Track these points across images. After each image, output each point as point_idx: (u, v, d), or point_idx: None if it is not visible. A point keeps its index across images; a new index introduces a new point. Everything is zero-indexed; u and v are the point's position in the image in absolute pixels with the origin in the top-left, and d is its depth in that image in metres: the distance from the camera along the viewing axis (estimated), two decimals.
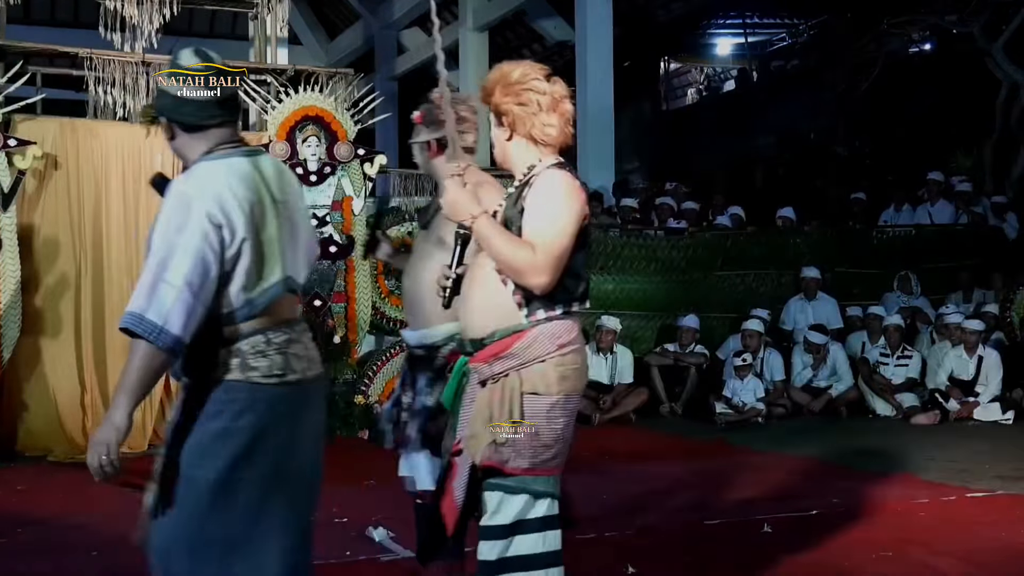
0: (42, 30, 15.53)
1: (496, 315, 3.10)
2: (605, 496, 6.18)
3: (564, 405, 3.08)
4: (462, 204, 3.10)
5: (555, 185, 3.08)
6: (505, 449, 3.02)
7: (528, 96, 3.14)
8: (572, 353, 3.10)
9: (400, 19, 18.37)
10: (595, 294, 10.50)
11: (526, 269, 2.98)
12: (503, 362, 3.07)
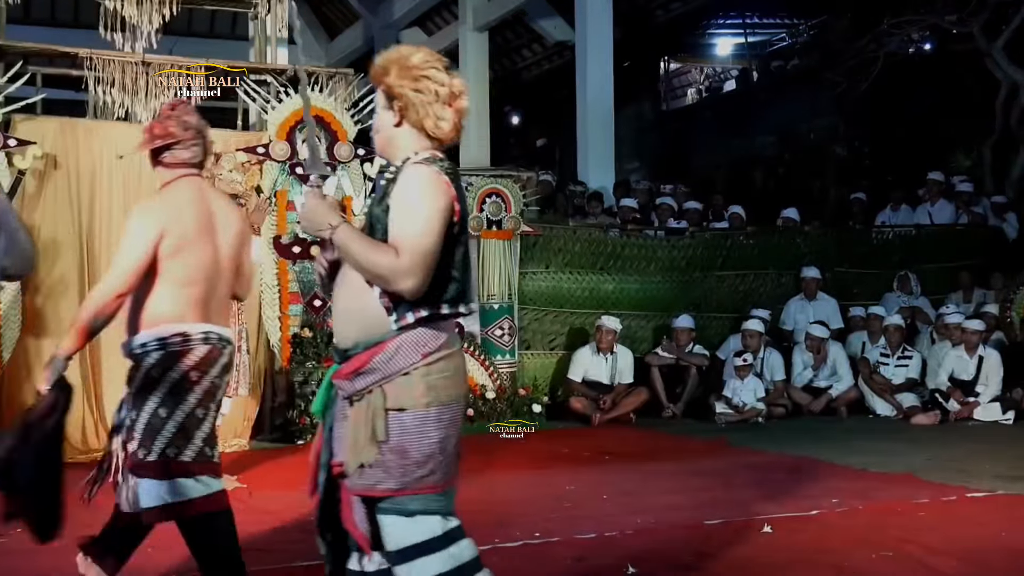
0: (42, 30, 15.51)
1: (360, 323, 2.95)
2: (605, 496, 6.19)
3: (438, 417, 2.93)
4: (320, 214, 2.97)
5: (417, 183, 2.91)
6: (372, 472, 2.90)
7: (426, 84, 2.98)
8: (441, 360, 2.94)
9: (400, 19, 18.37)
10: (595, 294, 10.52)
11: (390, 275, 2.83)
12: (364, 378, 2.91)
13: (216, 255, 3.96)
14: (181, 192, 3.96)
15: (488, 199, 9.80)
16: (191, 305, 3.88)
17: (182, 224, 3.86)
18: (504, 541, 5.03)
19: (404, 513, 2.92)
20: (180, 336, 3.86)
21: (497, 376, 9.42)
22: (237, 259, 4.08)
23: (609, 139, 13.57)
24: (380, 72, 3.03)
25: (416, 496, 2.92)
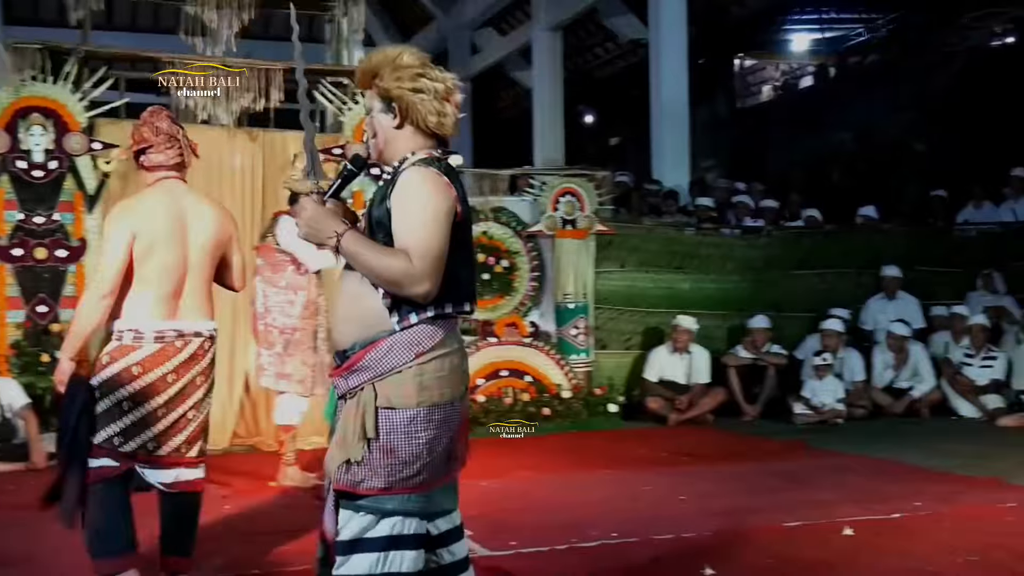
0: (124, 35, 15.83)
1: (360, 324, 2.91)
2: (682, 497, 6.14)
3: (428, 418, 2.87)
4: (322, 223, 2.89)
5: (417, 185, 2.86)
6: (359, 469, 2.85)
7: (424, 82, 2.95)
8: (435, 360, 2.89)
9: (473, 19, 18.44)
10: (671, 293, 10.46)
11: (404, 280, 2.78)
12: (357, 375, 2.89)
13: (185, 255, 4.21)
14: (153, 195, 4.28)
15: (562, 198, 9.79)
16: (156, 303, 4.13)
17: (151, 226, 4.14)
18: (581, 541, 5.02)
19: (379, 512, 2.87)
20: (133, 332, 4.12)
21: (572, 375, 9.40)
22: (216, 255, 4.33)
23: (683, 137, 13.47)
24: (369, 76, 3.01)
25: (394, 496, 2.87)
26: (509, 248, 9.76)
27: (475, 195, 9.71)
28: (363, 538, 2.86)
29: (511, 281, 9.76)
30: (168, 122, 4.30)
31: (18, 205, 8.00)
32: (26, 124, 8.01)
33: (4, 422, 7.47)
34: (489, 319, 9.58)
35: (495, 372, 9.22)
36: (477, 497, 6.18)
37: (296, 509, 5.85)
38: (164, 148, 4.27)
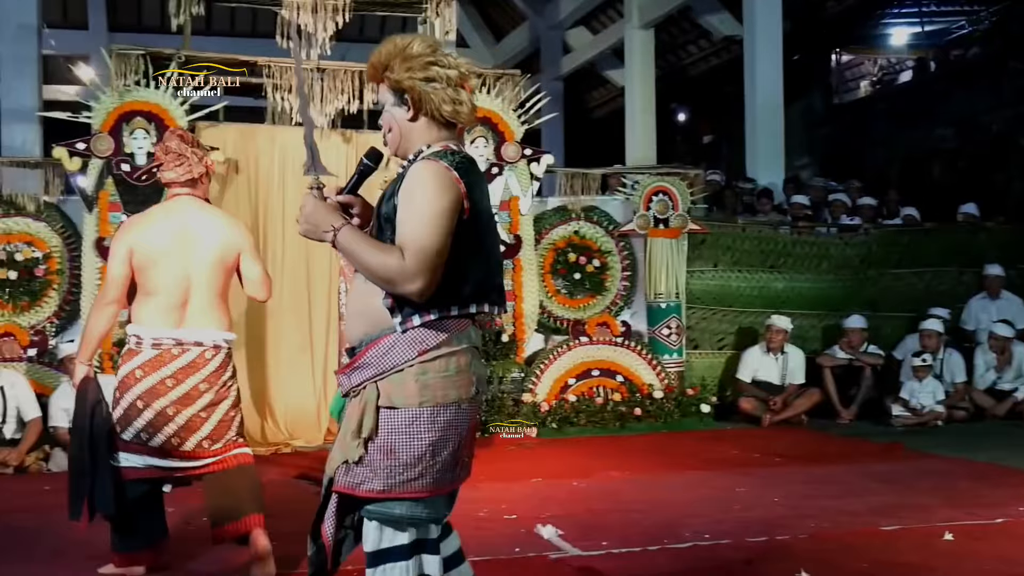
0: (223, 40, 16.21)
1: (367, 322, 2.85)
2: (776, 499, 6.07)
3: (432, 418, 2.76)
4: (320, 218, 2.86)
5: (423, 180, 2.75)
6: (359, 470, 2.78)
7: (436, 71, 2.83)
8: (440, 359, 2.78)
9: (565, 19, 18.42)
10: (765, 293, 10.34)
11: (396, 277, 2.69)
12: (359, 373, 2.83)
13: (187, 267, 4.45)
14: (159, 210, 4.70)
15: (655, 197, 9.74)
16: (156, 312, 4.44)
17: (148, 241, 4.45)
18: (673, 542, 4.99)
19: (390, 518, 2.80)
20: (136, 338, 4.46)
21: (664, 375, 9.34)
22: (225, 268, 4.56)
23: (778, 134, 13.29)
24: (380, 69, 2.89)
25: (401, 501, 2.78)
26: (601, 247, 9.74)
27: (567, 194, 9.72)
28: (387, 547, 2.80)
29: (603, 281, 9.74)
30: (177, 141, 4.59)
31: (122, 207, 8.23)
32: (129, 128, 8.24)
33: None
34: (580, 318, 9.57)
35: (586, 372, 9.21)
36: (567, 497, 6.20)
37: None
38: (174, 166, 4.55)
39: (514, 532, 5.25)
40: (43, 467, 7.42)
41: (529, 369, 9.07)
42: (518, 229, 9.11)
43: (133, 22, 18.61)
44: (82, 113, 8.30)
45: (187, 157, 4.56)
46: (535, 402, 8.86)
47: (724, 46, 17.81)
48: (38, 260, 8.39)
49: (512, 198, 9.09)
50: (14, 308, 8.33)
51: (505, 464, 7.42)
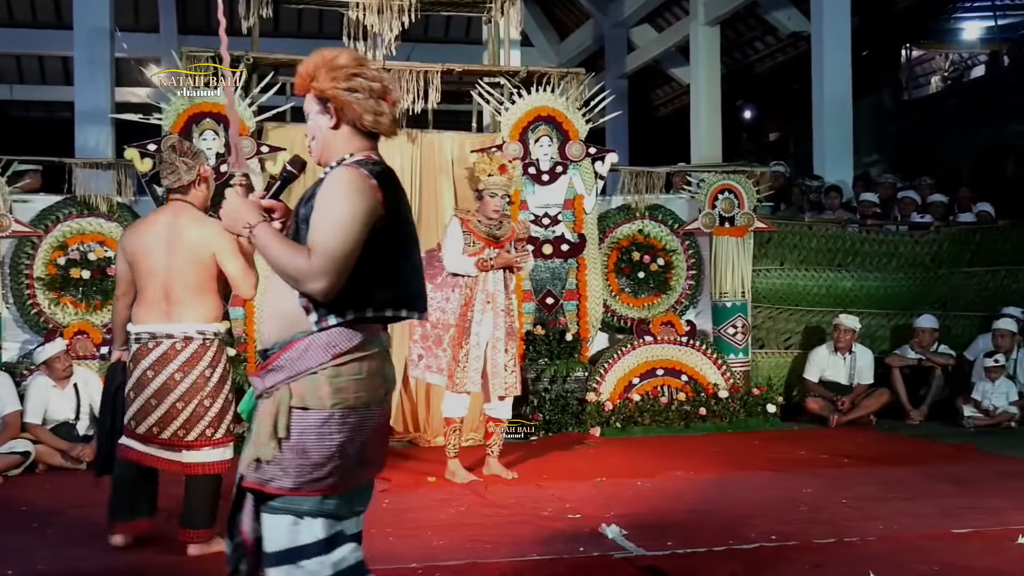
0: (290, 42, 16.41)
1: (281, 324, 2.92)
2: (844, 500, 5.99)
3: (342, 420, 2.83)
4: (240, 213, 2.92)
5: (338, 184, 2.86)
6: (269, 468, 2.82)
7: (359, 82, 2.94)
8: (353, 362, 2.85)
9: (630, 16, 18.36)
10: (832, 292, 10.22)
11: (301, 276, 2.77)
12: (273, 375, 2.87)
13: (164, 264, 4.91)
14: (152, 214, 5.30)
15: (720, 195, 9.66)
16: (144, 308, 4.95)
17: (133, 242, 5.03)
18: (739, 543, 4.96)
19: (295, 513, 2.83)
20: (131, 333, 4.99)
21: (730, 375, 9.27)
22: (203, 266, 4.95)
23: (847, 131, 13.12)
24: (306, 78, 3.00)
25: (307, 498, 2.83)
26: (666, 246, 9.69)
27: (631, 193, 9.68)
28: (298, 545, 2.83)
29: (668, 280, 9.69)
30: (169, 151, 5.10)
31: None
32: (199, 129, 8.36)
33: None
34: (645, 317, 9.53)
35: (651, 371, 9.17)
36: (632, 496, 6.18)
37: (454, 504, 5.95)
38: (166, 174, 5.12)
39: (578, 531, 5.25)
40: None
41: (593, 368, 9.05)
42: (582, 228, 9.09)
43: (202, 24, 18.88)
44: (153, 115, 8.44)
45: (176, 166, 5.07)
46: (599, 401, 8.84)
47: (791, 42, 17.64)
48: (110, 260, 8.54)
49: (576, 197, 9.08)
50: (87, 307, 8.50)
51: (569, 463, 7.41)
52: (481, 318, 6.68)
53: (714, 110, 16.15)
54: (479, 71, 9.49)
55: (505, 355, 6.70)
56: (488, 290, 6.72)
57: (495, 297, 6.71)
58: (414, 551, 4.82)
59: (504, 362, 6.70)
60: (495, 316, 6.70)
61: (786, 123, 20.03)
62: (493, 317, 6.70)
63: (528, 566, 4.61)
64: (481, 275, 6.72)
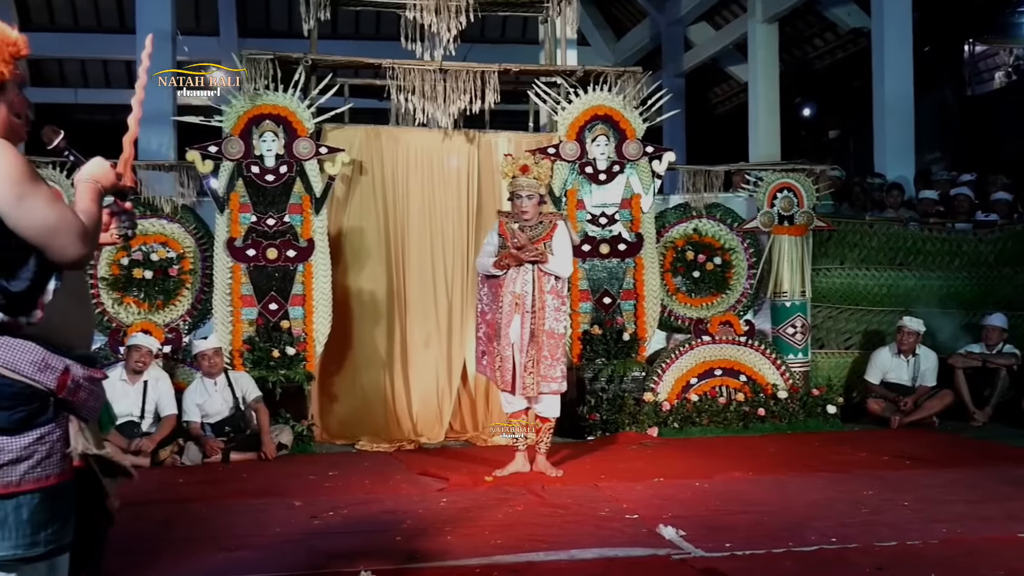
0: (347, 43, 16.54)
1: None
2: (906, 503, 5.91)
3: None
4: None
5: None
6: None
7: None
8: None
9: (687, 14, 18.28)
10: (893, 291, 10.09)
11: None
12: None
13: None
14: None
15: (779, 194, 9.57)
16: None
17: None
18: (799, 545, 4.91)
19: None
20: None
21: (789, 375, 9.19)
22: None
23: (908, 128, 12.95)
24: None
25: None
26: (724, 245, 9.63)
27: (689, 192, 9.63)
28: None
29: (727, 279, 9.63)
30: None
31: (251, 208, 8.46)
32: (259, 131, 8.46)
33: (239, 413, 7.91)
34: (703, 317, 9.48)
35: (709, 371, 9.11)
36: (690, 497, 6.14)
37: (511, 504, 5.95)
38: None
39: (636, 532, 5.23)
40: (177, 460, 7.67)
41: (651, 368, 9.01)
42: (639, 227, 9.06)
43: (262, 27, 19.12)
44: (214, 117, 8.55)
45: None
46: (656, 401, 8.81)
47: (851, 38, 17.44)
48: (172, 260, 8.67)
49: (634, 196, 9.05)
50: (149, 306, 8.63)
51: (626, 463, 7.39)
52: (510, 319, 6.70)
53: (772, 108, 16.01)
54: (536, 71, 9.50)
55: (524, 356, 6.69)
56: (515, 291, 6.72)
57: (523, 298, 6.71)
58: (471, 549, 4.83)
59: (523, 363, 6.68)
60: (521, 317, 6.70)
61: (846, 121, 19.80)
62: (520, 318, 6.71)
63: (585, 566, 4.60)
64: (509, 276, 6.73)
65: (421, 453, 8.13)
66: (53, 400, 2.55)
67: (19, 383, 2.49)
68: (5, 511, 2.49)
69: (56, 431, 2.57)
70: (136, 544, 4.96)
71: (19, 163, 2.50)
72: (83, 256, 2.58)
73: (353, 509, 5.83)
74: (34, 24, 17.85)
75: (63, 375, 2.56)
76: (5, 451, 2.49)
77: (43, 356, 2.53)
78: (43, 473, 2.53)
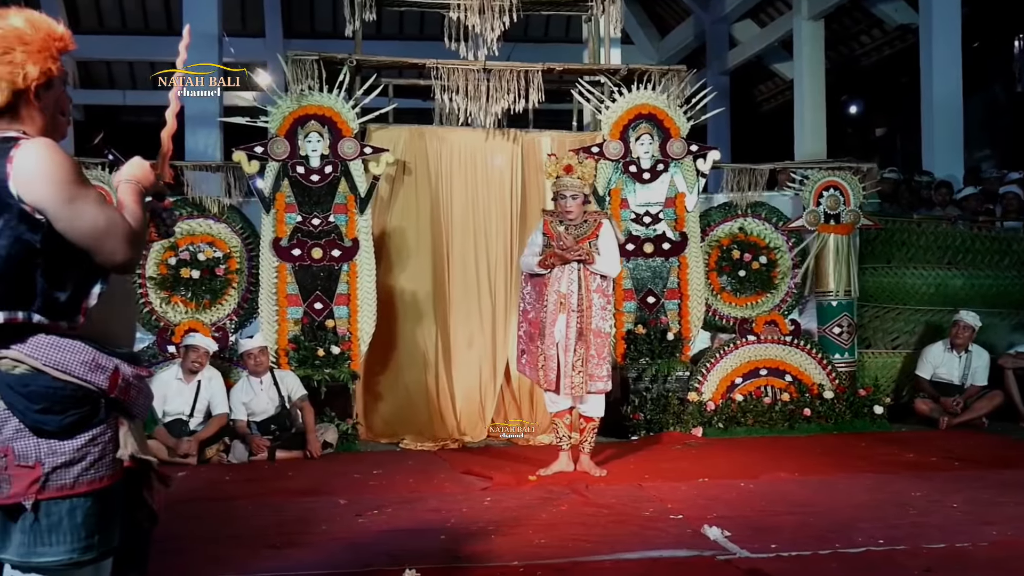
0: (392, 44, 16.63)
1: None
2: (955, 505, 5.84)
3: None
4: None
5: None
6: None
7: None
8: None
9: (731, 12, 18.18)
10: (942, 290, 9.97)
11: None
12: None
13: None
14: None
15: (825, 192, 9.49)
16: None
17: None
18: (845, 547, 4.87)
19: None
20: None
21: (835, 375, 9.10)
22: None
23: (957, 125, 12.80)
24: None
25: None
26: (769, 244, 9.56)
27: (733, 191, 9.57)
28: None
29: (772, 278, 9.56)
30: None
31: (297, 208, 8.52)
32: (304, 131, 8.51)
33: (285, 412, 7.97)
34: (748, 316, 9.42)
35: (754, 371, 9.06)
36: (735, 497, 6.11)
37: (555, 503, 5.95)
38: None
39: (680, 532, 5.21)
40: (223, 458, 7.74)
41: (695, 368, 8.97)
42: (684, 226, 9.02)
43: (307, 29, 19.25)
44: (259, 118, 8.62)
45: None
46: (701, 401, 8.77)
47: (898, 35, 17.25)
48: (219, 260, 8.75)
49: (678, 195, 9.02)
50: (196, 306, 8.72)
51: (670, 463, 7.36)
52: (554, 318, 6.70)
53: (818, 106, 15.89)
54: (580, 70, 9.49)
55: (573, 355, 6.67)
56: (560, 290, 6.71)
57: (568, 298, 6.70)
58: (515, 549, 4.84)
59: (571, 361, 6.66)
60: (567, 316, 6.69)
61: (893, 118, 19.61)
62: (566, 317, 6.70)
63: (629, 566, 4.59)
64: (553, 275, 6.73)
65: (464, 452, 8.15)
66: (104, 401, 2.55)
67: (71, 385, 2.48)
68: (59, 514, 2.47)
69: (107, 432, 2.56)
70: (182, 542, 5.02)
71: (69, 164, 2.49)
72: (131, 260, 2.58)
73: (398, 508, 5.86)
74: (83, 27, 18.09)
75: (114, 374, 2.55)
76: (58, 453, 2.47)
77: (93, 356, 2.52)
78: (96, 475, 2.52)
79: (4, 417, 2.45)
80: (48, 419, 2.45)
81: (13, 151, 2.44)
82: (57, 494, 2.47)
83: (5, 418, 2.45)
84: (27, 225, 2.43)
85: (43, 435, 2.45)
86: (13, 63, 2.50)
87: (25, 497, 2.43)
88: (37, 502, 2.44)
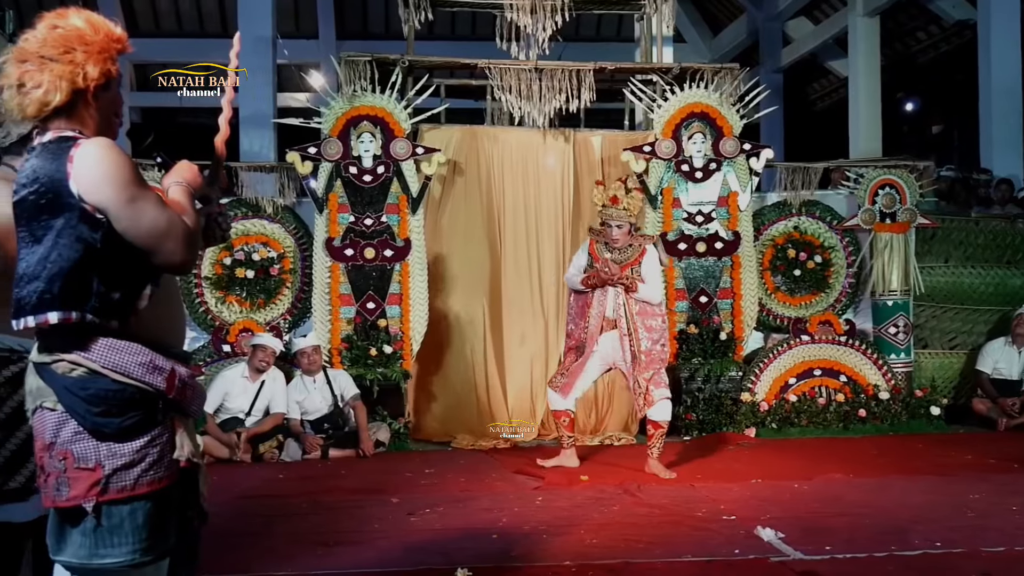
0: (444, 44, 16.64)
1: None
2: (1015, 507, 5.74)
3: None
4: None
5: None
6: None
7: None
8: None
9: (785, 9, 18.00)
10: (1000, 290, 9.86)
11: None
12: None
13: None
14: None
15: (881, 191, 9.38)
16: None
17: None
18: (902, 549, 4.80)
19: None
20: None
21: (891, 376, 8.99)
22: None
23: (1016, 122, 12.58)
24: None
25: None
26: (824, 243, 9.47)
27: (787, 189, 9.49)
28: None
29: (826, 277, 9.47)
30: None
31: (350, 208, 8.57)
32: (357, 132, 8.57)
33: (337, 411, 8.02)
34: (802, 316, 9.33)
35: (808, 371, 8.97)
36: (789, 498, 6.05)
37: (607, 504, 5.94)
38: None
39: (733, 533, 5.17)
40: (277, 456, 7.81)
41: (748, 368, 8.91)
42: (736, 225, 8.96)
43: (359, 30, 19.35)
44: (313, 119, 8.69)
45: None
46: (754, 401, 8.70)
47: (956, 31, 16.99)
48: (273, 260, 8.84)
49: (731, 194, 8.96)
50: (251, 305, 8.81)
51: (724, 464, 7.32)
52: (594, 339, 6.80)
53: (873, 103, 15.68)
54: (631, 68, 9.46)
55: (632, 381, 6.82)
56: (607, 316, 6.84)
57: (617, 323, 6.84)
58: (568, 549, 4.83)
59: (642, 380, 6.74)
60: (620, 340, 6.78)
61: (950, 116, 19.31)
62: (619, 341, 6.81)
63: (682, 567, 4.57)
64: (596, 298, 6.85)
65: (516, 451, 8.15)
66: (162, 402, 2.55)
67: (130, 387, 2.49)
68: (120, 516, 2.48)
69: (165, 433, 2.57)
70: (237, 539, 5.06)
71: (129, 164, 2.50)
72: (189, 260, 2.58)
73: (449, 507, 5.87)
74: (141, 30, 18.34)
75: (171, 375, 2.56)
76: (118, 456, 2.48)
77: (151, 357, 2.52)
78: (155, 476, 2.52)
79: (63, 420, 2.46)
80: (108, 421, 2.46)
81: (73, 150, 2.45)
82: (118, 496, 2.48)
83: (63, 421, 2.46)
84: (88, 225, 2.44)
85: (103, 438, 2.46)
86: (74, 63, 2.51)
87: (86, 500, 2.44)
88: (98, 505, 2.45)
